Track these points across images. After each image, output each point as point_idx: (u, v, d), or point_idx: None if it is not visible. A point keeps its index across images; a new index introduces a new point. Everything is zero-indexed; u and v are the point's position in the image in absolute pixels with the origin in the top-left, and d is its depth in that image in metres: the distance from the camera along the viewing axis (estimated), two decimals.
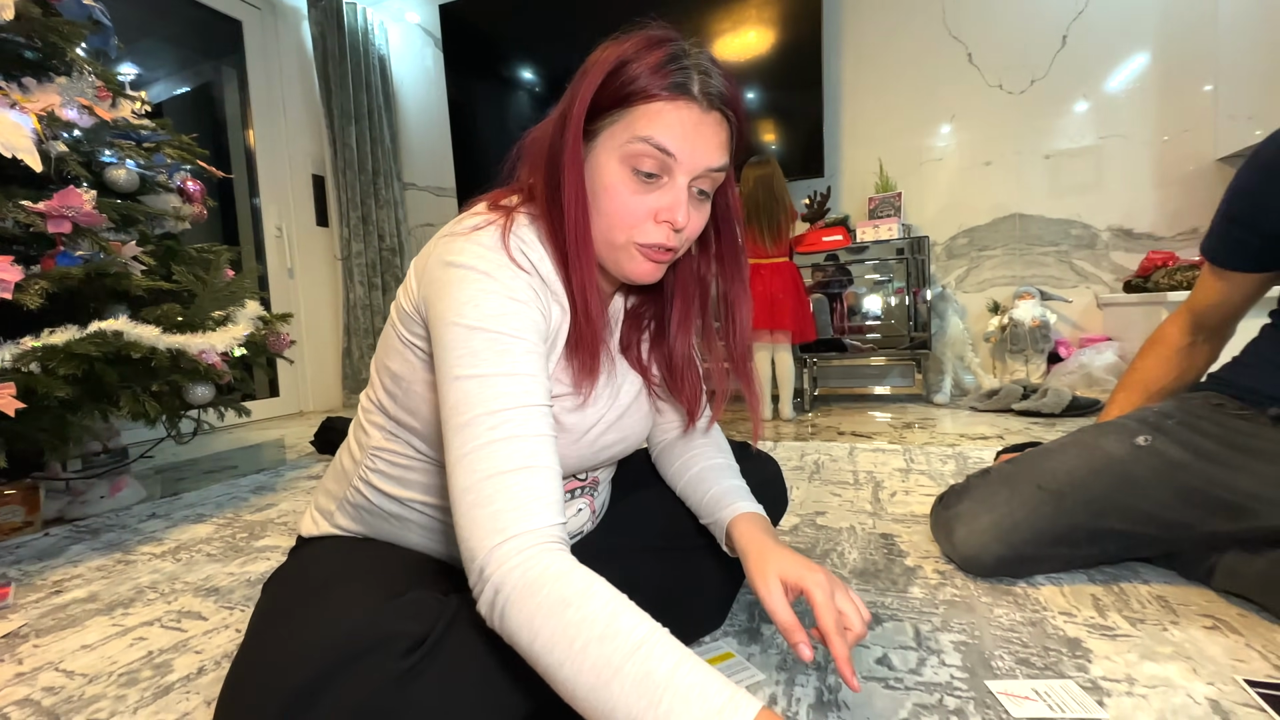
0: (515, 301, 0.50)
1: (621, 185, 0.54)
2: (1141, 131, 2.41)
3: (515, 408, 0.47)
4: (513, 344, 0.49)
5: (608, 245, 0.56)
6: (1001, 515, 0.86)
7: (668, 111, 0.53)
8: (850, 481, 1.40)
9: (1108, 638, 0.70)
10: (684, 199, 0.54)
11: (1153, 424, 0.85)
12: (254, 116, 3.15)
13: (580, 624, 0.41)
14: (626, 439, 0.67)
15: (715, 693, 0.38)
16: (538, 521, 0.45)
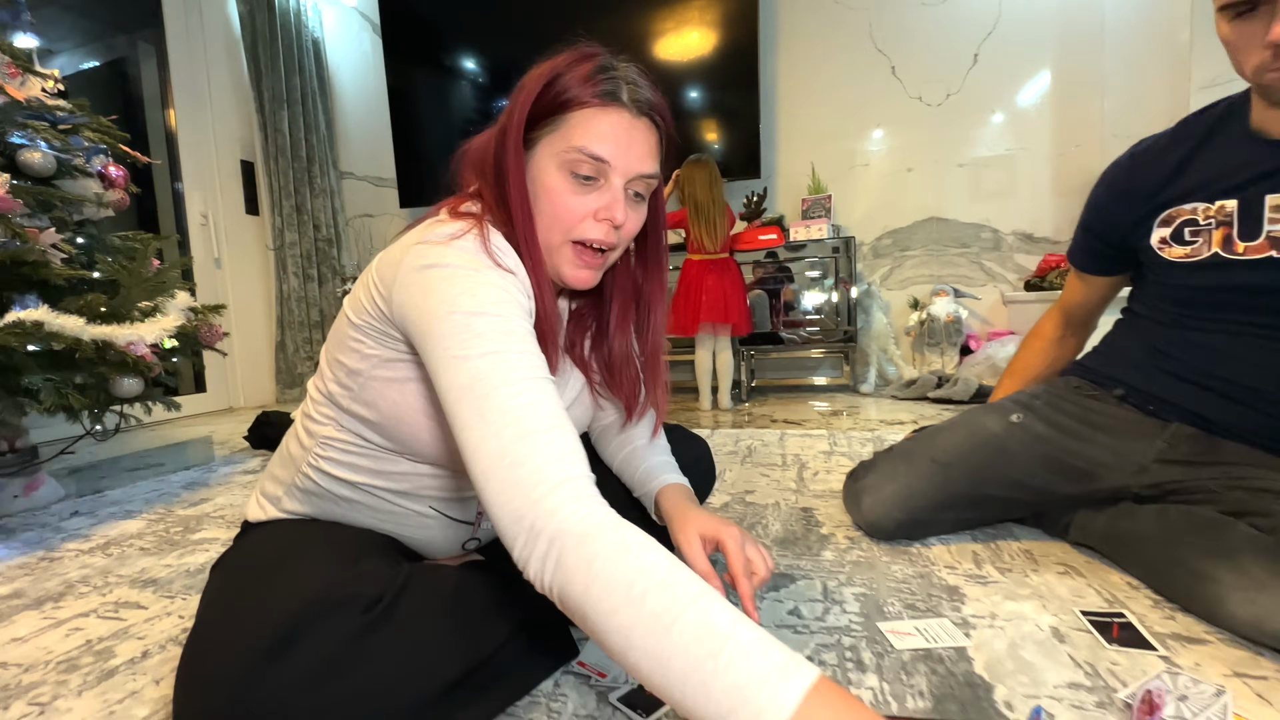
0: (507, 293, 0.53)
1: (561, 187, 0.58)
2: (1042, 145, 2.66)
3: (531, 379, 0.49)
4: (515, 327, 0.51)
5: (547, 248, 0.60)
6: (901, 485, 0.97)
7: (599, 118, 0.57)
8: (778, 464, 1.51)
9: (980, 584, 0.82)
10: (621, 198, 0.59)
11: (1024, 404, 0.99)
12: (175, 96, 2.98)
13: (640, 569, 0.39)
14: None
15: (776, 651, 0.37)
16: (578, 470, 0.45)
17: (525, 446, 0.45)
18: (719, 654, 0.36)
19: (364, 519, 0.69)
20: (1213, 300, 0.84)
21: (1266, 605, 0.63)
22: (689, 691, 0.36)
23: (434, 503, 0.69)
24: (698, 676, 0.36)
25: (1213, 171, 0.83)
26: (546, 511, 0.43)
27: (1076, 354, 1.14)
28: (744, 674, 0.35)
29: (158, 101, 3.05)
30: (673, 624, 0.37)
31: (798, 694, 0.34)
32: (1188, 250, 0.85)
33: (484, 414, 0.46)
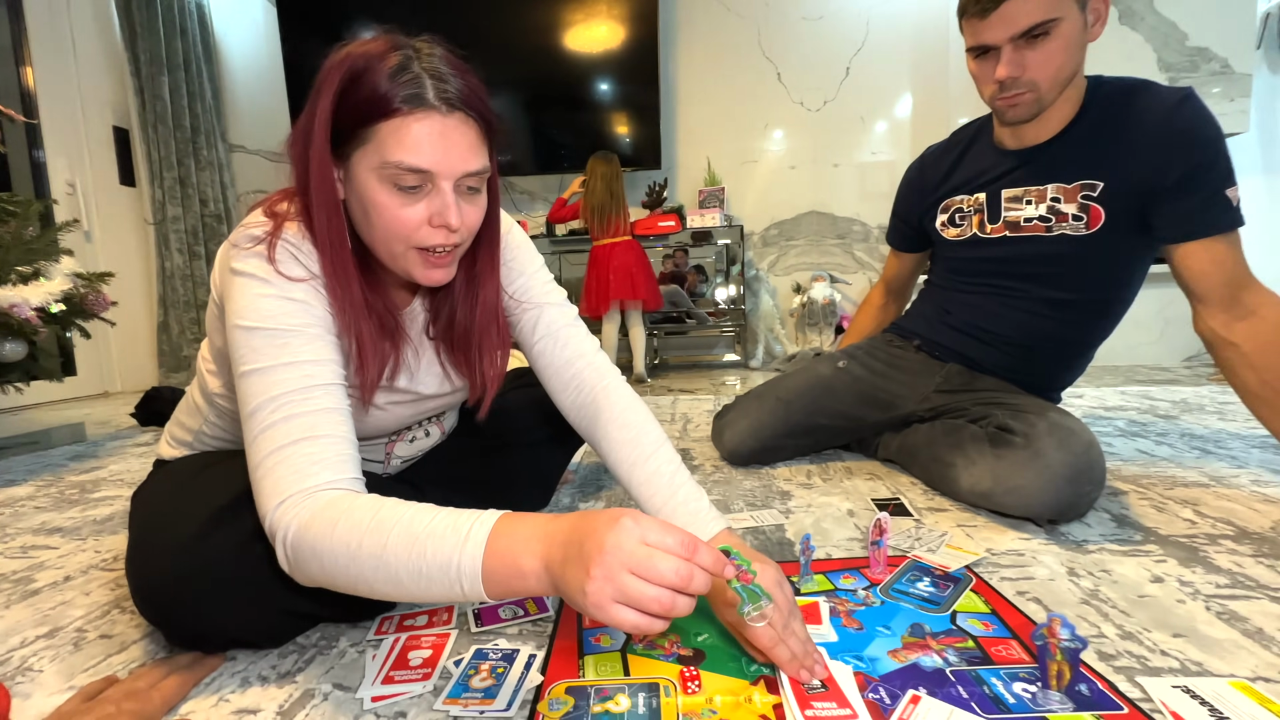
0: (291, 301, 0.54)
1: (388, 202, 0.55)
2: (903, 152, 3.05)
3: (293, 390, 0.52)
4: (291, 337, 0.53)
5: (389, 256, 0.59)
6: (753, 420, 1.19)
7: (409, 126, 0.53)
8: (667, 420, 1.72)
9: (806, 489, 1.05)
10: (451, 202, 0.56)
11: (849, 354, 1.24)
12: (33, 51, 2.73)
13: (350, 530, 0.46)
14: (454, 404, 0.80)
15: (463, 519, 0.45)
16: (314, 481, 0.49)
17: (273, 461, 0.50)
18: (425, 550, 0.44)
19: None
20: (973, 269, 1.11)
21: (976, 475, 0.89)
22: (423, 585, 0.44)
23: None
24: (422, 574, 0.44)
25: (971, 172, 1.10)
26: (279, 517, 0.49)
27: (896, 316, 1.42)
28: (445, 550, 0.43)
29: (9, 56, 2.77)
30: (385, 553, 0.44)
31: (481, 539, 0.43)
32: (958, 231, 1.12)
33: (250, 429, 0.52)
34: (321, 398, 0.53)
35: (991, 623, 0.59)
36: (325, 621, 0.64)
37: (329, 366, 0.54)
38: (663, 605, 0.39)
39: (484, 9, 2.98)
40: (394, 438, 0.79)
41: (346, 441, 0.53)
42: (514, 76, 3.00)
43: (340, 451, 0.52)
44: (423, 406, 0.75)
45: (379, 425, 0.72)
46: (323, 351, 0.55)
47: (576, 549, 0.41)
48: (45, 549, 0.92)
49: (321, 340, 0.55)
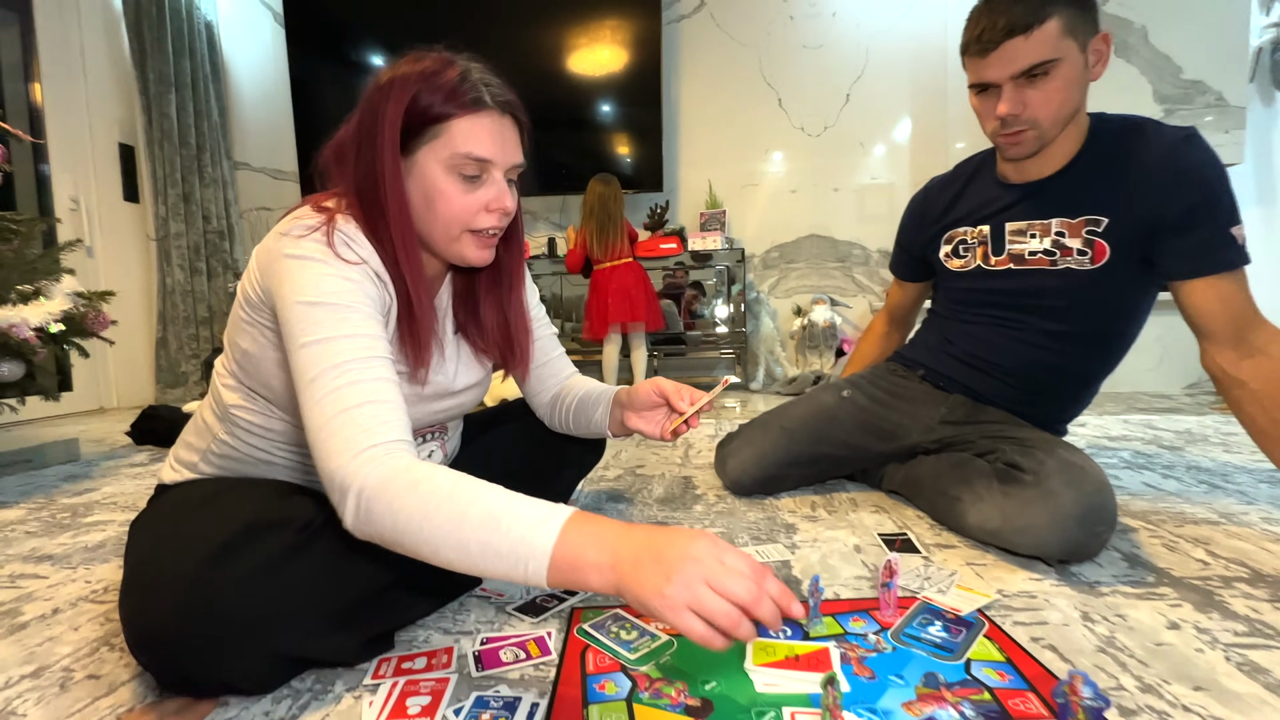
0: (350, 281, 0.59)
1: (452, 190, 0.65)
2: (902, 176, 3.08)
3: (355, 359, 0.56)
4: (350, 313, 0.58)
5: (446, 240, 0.67)
6: (757, 449, 1.18)
7: (476, 124, 0.64)
8: (668, 446, 1.70)
9: (811, 522, 1.04)
10: (506, 189, 0.67)
11: (853, 383, 1.23)
12: (43, 69, 2.75)
13: (430, 493, 0.50)
14: (463, 405, 0.83)
15: (541, 507, 0.50)
16: (382, 437, 0.53)
17: (340, 421, 0.53)
18: (500, 525, 0.47)
19: (281, 476, 0.77)
20: (977, 300, 1.11)
21: (985, 512, 0.87)
22: (489, 559, 0.48)
23: None
24: (492, 547, 0.47)
25: (975, 204, 1.10)
26: (350, 472, 0.51)
27: (899, 345, 1.42)
28: (520, 529, 0.47)
29: (20, 73, 2.80)
30: (463, 521, 0.48)
31: (557, 526, 0.47)
32: (962, 262, 1.12)
33: (313, 393, 0.55)
34: (379, 367, 0.57)
35: (1007, 673, 0.58)
36: (323, 666, 0.62)
37: (383, 342, 0.59)
38: (731, 621, 0.42)
39: (487, 33, 3.03)
40: None
41: (404, 410, 0.57)
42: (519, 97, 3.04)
43: (401, 418, 0.56)
44: (435, 407, 0.76)
45: None
46: (376, 328, 0.59)
47: (654, 553, 0.44)
48: (34, 578, 0.90)
49: (376, 319, 0.60)
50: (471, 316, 0.78)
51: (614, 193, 2.57)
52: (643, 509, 1.13)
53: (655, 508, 1.14)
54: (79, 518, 1.20)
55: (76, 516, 1.21)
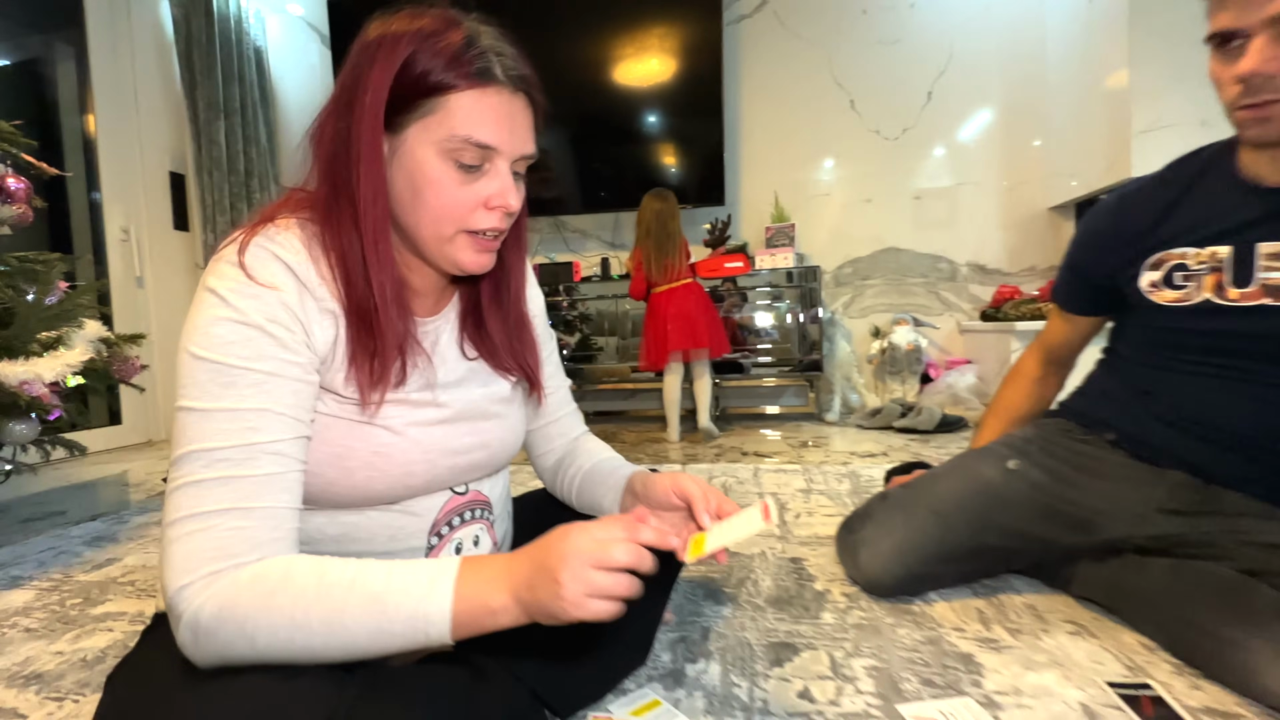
0: (248, 327, 0.48)
1: (446, 179, 0.52)
2: (990, 179, 2.76)
3: (232, 446, 0.46)
4: (239, 376, 0.47)
5: (436, 240, 0.54)
6: (899, 539, 0.92)
7: (479, 101, 0.51)
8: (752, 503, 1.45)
9: (994, 650, 0.77)
10: (512, 184, 0.54)
11: (1018, 449, 0.96)
12: (96, 101, 2.74)
13: (294, 600, 0.43)
14: (488, 445, 0.64)
15: (421, 570, 0.45)
16: (239, 558, 0.44)
17: (189, 527, 0.44)
18: (386, 607, 0.43)
19: None
20: (1204, 345, 0.83)
21: None
22: (383, 641, 0.43)
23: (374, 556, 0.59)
24: (385, 631, 0.43)
25: (1201, 216, 0.82)
26: (185, 599, 0.43)
27: (1058, 392, 1.13)
28: (410, 604, 0.43)
29: (75, 106, 2.80)
30: (343, 616, 0.43)
31: (449, 587, 0.44)
32: (1179, 294, 0.84)
33: (175, 475, 0.46)
34: (263, 459, 0.47)
35: None
36: None
37: (279, 418, 0.48)
38: (628, 586, 0.44)
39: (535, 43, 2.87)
40: (435, 541, 0.60)
41: (286, 514, 0.48)
42: (565, 111, 2.87)
43: (275, 528, 0.47)
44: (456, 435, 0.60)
45: (403, 472, 0.56)
46: (276, 395, 0.48)
47: (539, 569, 0.44)
48: (13, 717, 0.72)
49: (277, 380, 0.48)
50: (479, 332, 0.65)
51: (671, 209, 2.34)
52: (754, 615, 0.89)
53: (770, 613, 0.89)
54: (90, 605, 1.04)
55: (88, 604, 1.05)
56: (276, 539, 0.46)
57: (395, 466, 0.55)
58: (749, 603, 0.93)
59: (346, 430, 0.53)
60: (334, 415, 0.53)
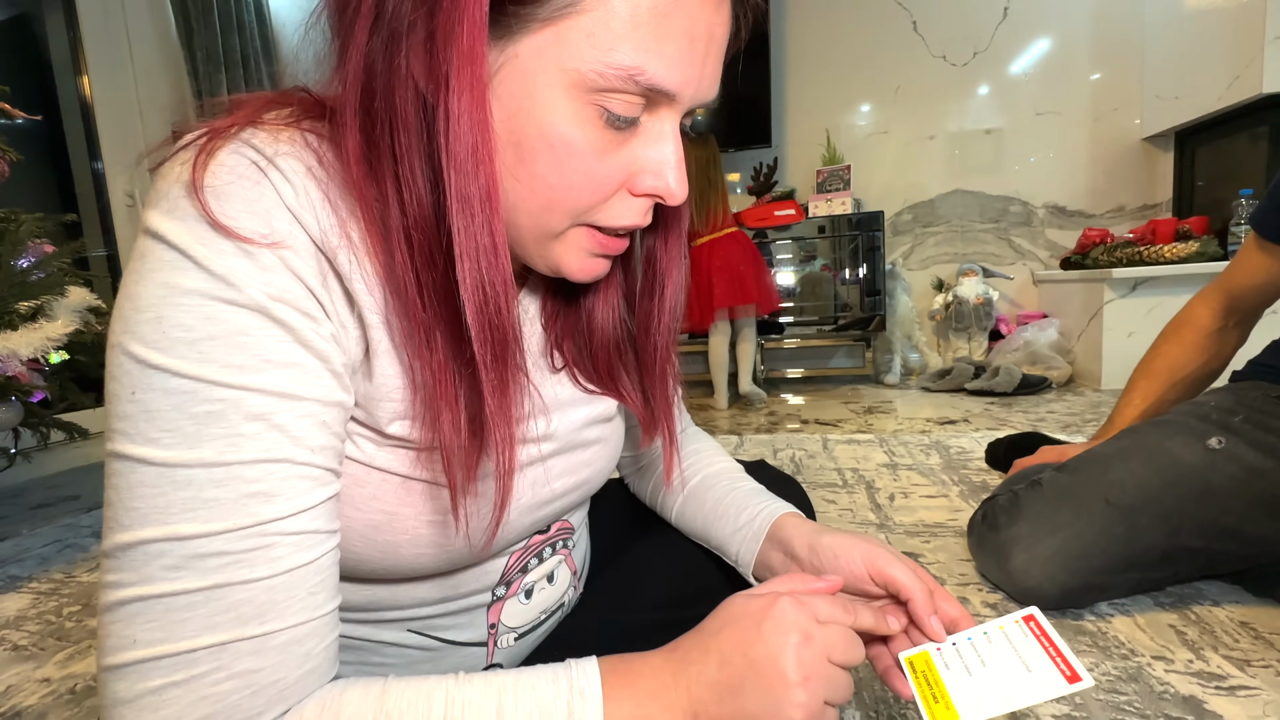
0: (240, 310, 0.27)
1: (581, 138, 0.30)
2: (1076, 109, 2.44)
3: (225, 531, 0.26)
4: (229, 402, 0.26)
5: (537, 232, 0.33)
6: (1068, 538, 0.72)
7: (669, 11, 0.29)
8: (838, 483, 1.26)
9: (1226, 694, 0.58)
10: (681, 155, 0.33)
11: (1218, 423, 0.74)
12: (89, 60, 2.56)
13: None
14: (586, 483, 0.45)
15: (548, 693, 0.29)
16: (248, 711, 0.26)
17: (152, 681, 0.25)
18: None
19: None
20: None
21: None
22: None
23: (413, 623, 0.41)
24: None
25: None
26: None
27: (1237, 350, 0.91)
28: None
29: (68, 67, 2.62)
30: None
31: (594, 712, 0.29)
32: None
33: (120, 576, 0.26)
34: (282, 549, 0.27)
35: None
36: None
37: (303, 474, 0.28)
38: (850, 688, 0.32)
39: None
40: (502, 591, 0.42)
41: (322, 628, 0.28)
42: None
43: (306, 658, 0.28)
44: (551, 477, 0.40)
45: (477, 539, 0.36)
46: (296, 433, 0.28)
47: (738, 672, 0.30)
48: None
49: (297, 406, 0.28)
50: (572, 326, 0.42)
51: (712, 154, 2.10)
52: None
53: None
54: (88, 615, 0.91)
55: (86, 613, 0.92)
56: (308, 672, 0.28)
57: (460, 539, 0.36)
58: None
59: (394, 490, 0.33)
60: (374, 467, 0.33)
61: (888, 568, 0.39)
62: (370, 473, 0.33)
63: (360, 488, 0.33)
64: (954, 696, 0.34)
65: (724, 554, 0.49)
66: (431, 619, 0.41)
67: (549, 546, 0.46)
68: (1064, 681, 0.33)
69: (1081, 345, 2.19)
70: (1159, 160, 2.38)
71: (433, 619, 0.41)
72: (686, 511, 0.52)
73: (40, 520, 1.36)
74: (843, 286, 2.47)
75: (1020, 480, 0.84)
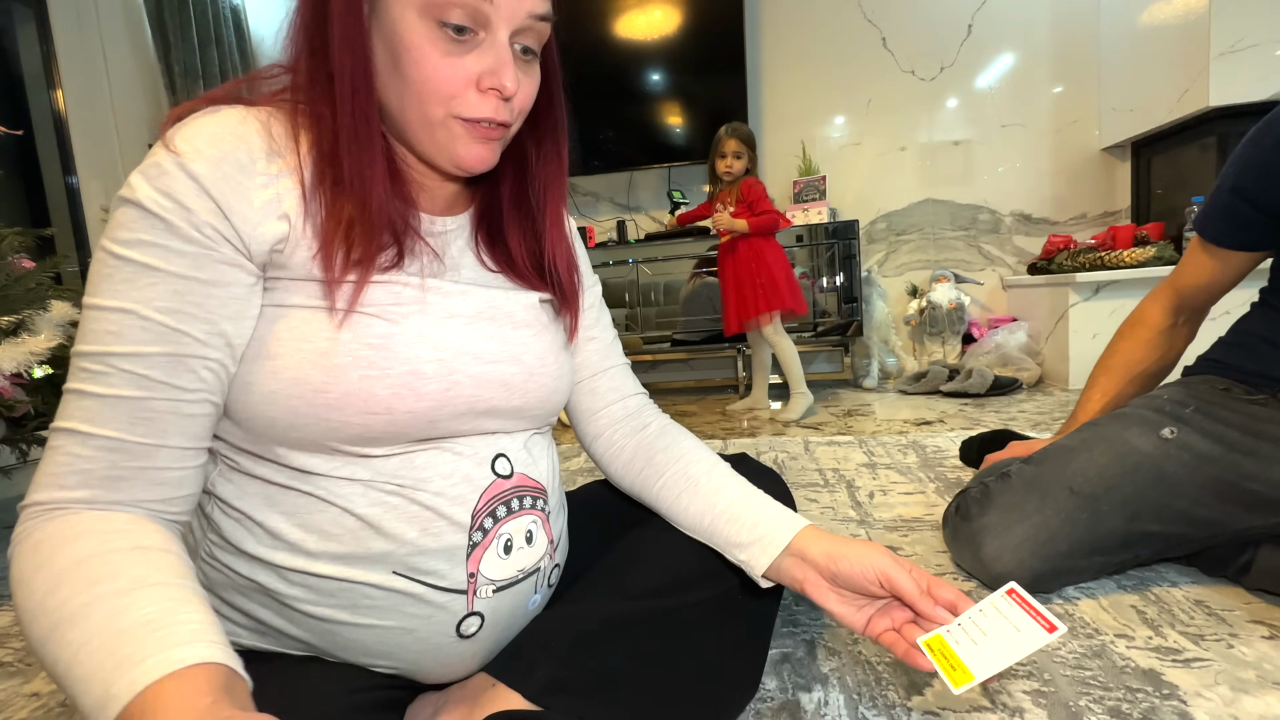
0: (134, 207, 0.38)
1: (427, 44, 0.41)
2: (1036, 120, 2.54)
3: (91, 352, 0.37)
4: (116, 267, 0.38)
5: (424, 123, 0.44)
6: (1036, 526, 0.76)
7: None
8: (820, 483, 1.30)
9: (1182, 665, 0.62)
10: (509, 58, 0.43)
11: (1171, 414, 0.79)
12: (63, 73, 2.53)
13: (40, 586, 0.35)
14: (520, 359, 0.49)
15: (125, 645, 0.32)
16: (67, 495, 0.37)
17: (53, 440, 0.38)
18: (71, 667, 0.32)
19: (296, 634, 0.46)
20: None
21: None
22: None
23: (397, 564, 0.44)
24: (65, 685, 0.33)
25: None
26: (19, 521, 0.38)
27: (1188, 345, 0.97)
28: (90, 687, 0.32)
29: (41, 80, 2.58)
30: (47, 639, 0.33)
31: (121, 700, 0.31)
32: None
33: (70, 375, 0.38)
34: (116, 379, 0.37)
35: None
36: None
37: (144, 325, 0.38)
38: None
39: None
40: (478, 537, 0.46)
41: (133, 450, 0.38)
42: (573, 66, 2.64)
43: (113, 466, 0.38)
44: (478, 338, 0.47)
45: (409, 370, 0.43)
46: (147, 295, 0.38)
47: None
48: None
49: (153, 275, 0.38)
50: (494, 240, 0.53)
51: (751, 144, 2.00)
52: None
53: None
54: None
55: None
56: (113, 479, 0.38)
57: (398, 362, 0.43)
58: None
59: (326, 322, 0.42)
60: (306, 305, 0.42)
61: (894, 576, 0.48)
62: (308, 313, 0.42)
63: (305, 325, 0.41)
64: (966, 662, 0.42)
65: (729, 552, 0.54)
66: (412, 557, 0.44)
67: (516, 499, 0.48)
68: (1045, 633, 0.42)
69: (1049, 347, 2.27)
70: (1117, 170, 2.49)
71: (413, 557, 0.44)
72: (693, 507, 0.56)
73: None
74: (821, 295, 2.53)
75: (991, 473, 0.88)
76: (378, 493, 0.44)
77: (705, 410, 2.30)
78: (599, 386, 0.62)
